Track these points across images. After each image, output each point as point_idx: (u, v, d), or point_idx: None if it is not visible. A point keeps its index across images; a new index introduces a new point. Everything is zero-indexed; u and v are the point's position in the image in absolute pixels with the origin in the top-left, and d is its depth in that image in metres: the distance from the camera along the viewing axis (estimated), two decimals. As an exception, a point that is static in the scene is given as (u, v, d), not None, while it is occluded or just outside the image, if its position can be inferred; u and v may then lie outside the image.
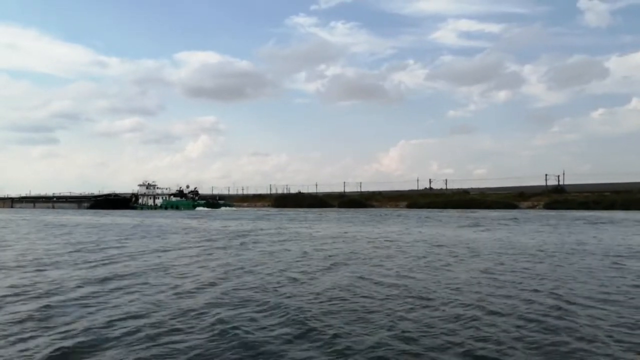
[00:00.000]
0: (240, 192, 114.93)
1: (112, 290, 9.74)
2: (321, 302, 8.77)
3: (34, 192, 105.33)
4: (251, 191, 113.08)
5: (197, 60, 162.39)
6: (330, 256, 15.71)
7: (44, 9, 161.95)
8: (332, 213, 58.88)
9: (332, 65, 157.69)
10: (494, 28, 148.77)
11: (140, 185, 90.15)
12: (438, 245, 18.83)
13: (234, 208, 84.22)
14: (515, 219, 39.76)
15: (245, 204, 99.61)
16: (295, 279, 11.21)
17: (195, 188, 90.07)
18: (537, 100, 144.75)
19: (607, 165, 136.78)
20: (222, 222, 40.37)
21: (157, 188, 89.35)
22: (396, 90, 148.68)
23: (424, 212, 57.13)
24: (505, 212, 54.22)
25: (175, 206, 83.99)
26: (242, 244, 20.24)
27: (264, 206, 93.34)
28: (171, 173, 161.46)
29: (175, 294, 9.48)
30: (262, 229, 29.54)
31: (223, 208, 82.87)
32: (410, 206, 78.31)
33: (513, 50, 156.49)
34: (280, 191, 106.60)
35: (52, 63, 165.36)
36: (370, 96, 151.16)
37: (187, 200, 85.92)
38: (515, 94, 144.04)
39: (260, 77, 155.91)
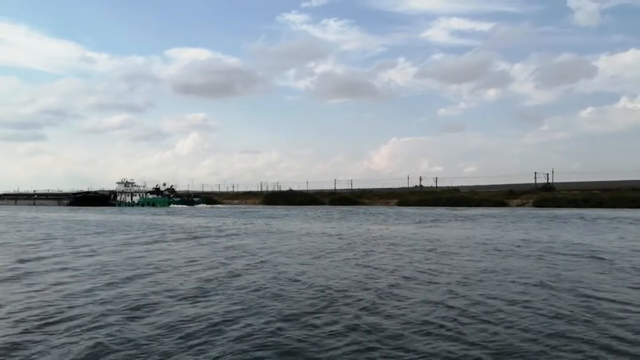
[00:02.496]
0: (230, 189, 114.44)
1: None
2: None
3: (22, 189, 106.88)
4: (242, 188, 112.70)
5: (187, 57, 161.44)
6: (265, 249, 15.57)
7: (35, 4, 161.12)
8: (312, 211, 58.38)
9: (322, 63, 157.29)
10: (485, 27, 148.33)
11: (118, 183, 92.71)
12: (376, 241, 18.73)
13: (209, 205, 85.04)
14: (492, 216, 39.48)
15: (236, 202, 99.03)
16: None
17: (171, 186, 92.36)
18: (527, 98, 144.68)
19: (596, 164, 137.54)
20: (190, 219, 40.30)
21: (135, 186, 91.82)
22: (387, 88, 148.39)
23: (409, 210, 56.68)
24: (490, 210, 53.71)
25: (151, 203, 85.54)
26: (185, 239, 20.21)
27: (254, 203, 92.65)
28: (161, 170, 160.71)
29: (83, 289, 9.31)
30: (218, 226, 29.55)
31: (199, 205, 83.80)
32: (400, 204, 77.73)
33: (503, 48, 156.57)
34: (271, 188, 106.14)
35: (41, 59, 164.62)
36: (361, 94, 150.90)
37: (163, 197, 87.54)
38: (505, 93, 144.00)
39: (250, 74, 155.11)
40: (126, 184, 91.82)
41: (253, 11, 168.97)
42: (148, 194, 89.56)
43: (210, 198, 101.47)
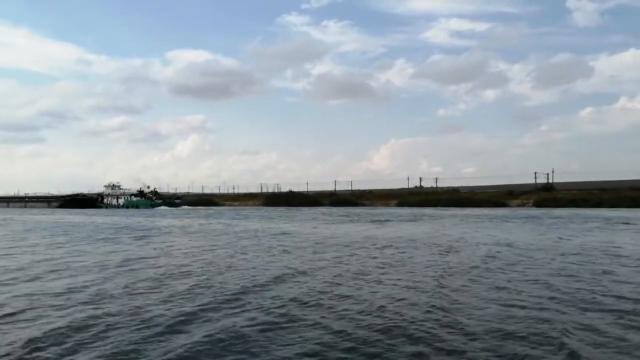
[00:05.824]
0: (230, 191, 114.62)
1: None
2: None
3: (22, 192, 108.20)
4: (242, 190, 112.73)
5: (185, 59, 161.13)
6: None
7: (36, 7, 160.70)
8: (299, 213, 58.46)
9: (320, 64, 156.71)
10: (485, 27, 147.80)
11: (105, 186, 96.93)
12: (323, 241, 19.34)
13: (191, 207, 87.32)
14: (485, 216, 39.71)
15: (237, 203, 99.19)
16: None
17: (155, 188, 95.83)
18: (527, 99, 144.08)
19: (595, 164, 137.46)
20: (161, 219, 40.98)
21: (120, 189, 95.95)
22: (386, 89, 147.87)
23: (404, 210, 56.86)
24: (491, 211, 53.90)
25: (135, 205, 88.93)
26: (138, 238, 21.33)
27: (254, 205, 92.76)
28: (160, 172, 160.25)
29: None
30: (182, 226, 30.62)
31: (181, 207, 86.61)
32: (400, 204, 77.79)
33: (501, 49, 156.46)
34: (271, 190, 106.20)
35: (40, 61, 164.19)
36: (360, 95, 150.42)
37: (146, 200, 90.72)
38: (504, 93, 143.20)
39: (248, 75, 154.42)
40: (112, 187, 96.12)
41: (254, 13, 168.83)
42: (132, 196, 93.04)
43: (211, 200, 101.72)
